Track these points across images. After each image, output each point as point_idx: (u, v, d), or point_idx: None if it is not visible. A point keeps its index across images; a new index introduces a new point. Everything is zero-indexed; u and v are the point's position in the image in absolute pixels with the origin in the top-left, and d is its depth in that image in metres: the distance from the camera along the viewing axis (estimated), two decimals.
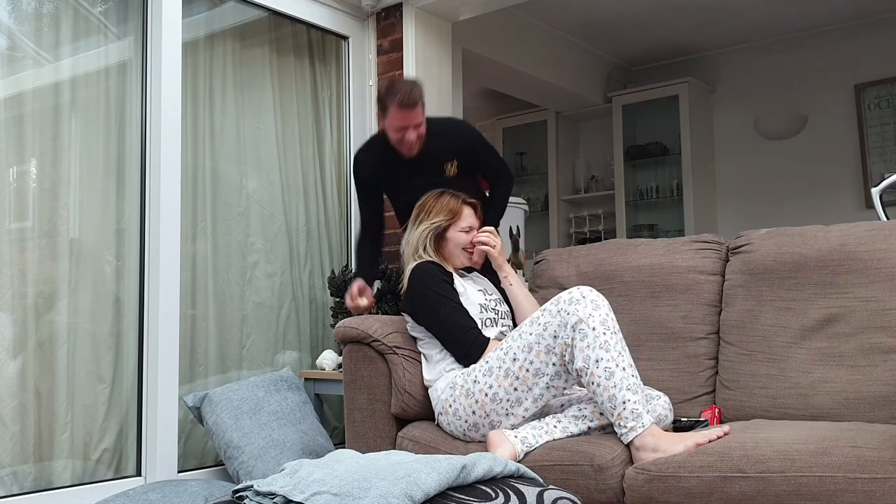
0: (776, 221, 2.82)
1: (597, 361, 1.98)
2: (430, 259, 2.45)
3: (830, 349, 2.22)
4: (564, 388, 2.13)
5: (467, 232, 2.50)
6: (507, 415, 2.15)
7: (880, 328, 2.17)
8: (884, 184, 2.99)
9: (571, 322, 2.02)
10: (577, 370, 2.02)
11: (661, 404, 2.20)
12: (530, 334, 2.11)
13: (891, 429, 1.81)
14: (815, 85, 5.26)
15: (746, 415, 2.27)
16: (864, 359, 2.16)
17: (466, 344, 2.29)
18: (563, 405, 2.23)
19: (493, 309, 2.46)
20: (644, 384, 2.14)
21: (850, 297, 2.24)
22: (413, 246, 2.49)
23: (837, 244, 2.31)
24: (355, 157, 3.03)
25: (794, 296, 2.33)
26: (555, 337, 2.05)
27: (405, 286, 2.44)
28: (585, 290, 2.08)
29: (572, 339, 2.02)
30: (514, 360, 2.12)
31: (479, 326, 2.35)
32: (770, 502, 1.71)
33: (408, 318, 2.44)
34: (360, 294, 2.78)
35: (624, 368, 1.98)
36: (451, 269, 2.47)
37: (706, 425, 2.24)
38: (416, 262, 2.43)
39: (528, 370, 2.10)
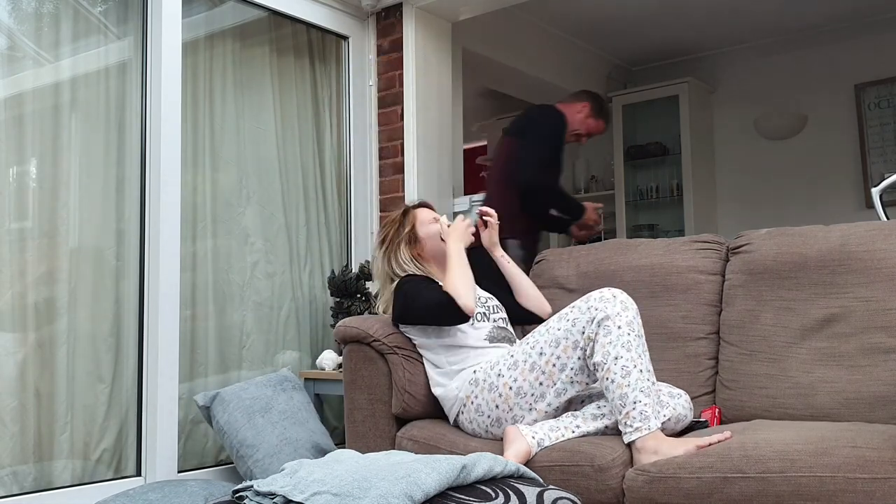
0: (776, 221, 2.82)
1: (616, 359, 1.99)
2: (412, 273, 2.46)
3: (830, 349, 2.22)
4: (588, 383, 2.14)
5: (436, 221, 2.54)
6: (531, 409, 2.15)
7: (880, 328, 2.17)
8: (884, 184, 2.99)
9: (598, 318, 2.04)
10: (594, 364, 2.03)
11: (682, 403, 2.20)
12: (558, 329, 2.12)
13: (891, 429, 1.81)
14: (815, 85, 5.26)
15: (747, 415, 2.27)
16: (864, 359, 2.16)
17: (436, 303, 2.28)
18: (583, 401, 2.23)
19: (484, 304, 2.47)
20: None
21: (850, 297, 2.24)
22: (388, 270, 2.49)
23: (837, 244, 2.31)
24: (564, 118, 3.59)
25: (795, 296, 2.33)
26: (582, 333, 2.07)
27: (390, 302, 2.43)
28: (617, 291, 2.10)
29: (596, 333, 2.03)
30: (541, 354, 2.13)
31: (472, 321, 2.35)
32: (770, 503, 1.71)
33: (403, 329, 2.43)
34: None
35: (641, 370, 1.99)
36: (436, 279, 2.44)
37: (706, 425, 2.24)
38: (400, 279, 2.44)
39: (554, 365, 2.11)
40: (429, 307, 2.30)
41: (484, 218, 2.59)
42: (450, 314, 2.27)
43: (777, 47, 5.42)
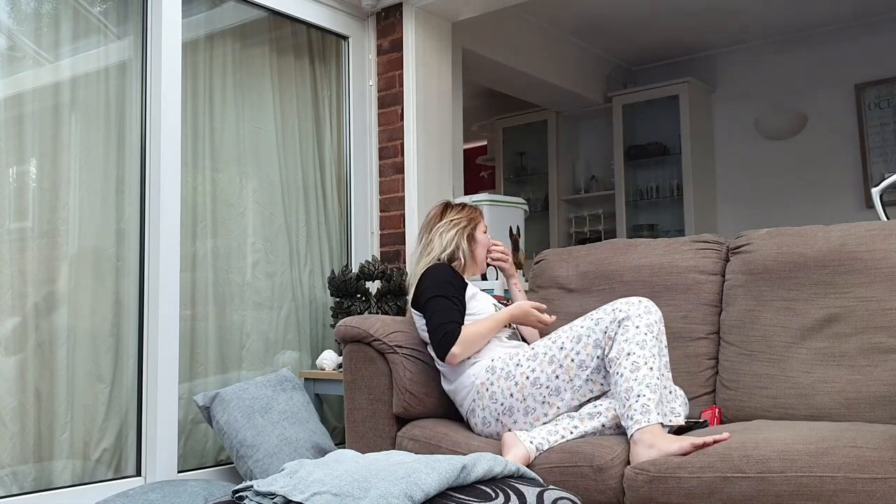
0: (776, 221, 2.82)
1: (628, 354, 2.04)
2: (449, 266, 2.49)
3: (831, 349, 2.22)
4: (603, 385, 2.15)
5: (485, 233, 2.63)
6: (544, 402, 2.17)
7: (880, 328, 2.17)
8: (884, 184, 2.99)
9: (619, 318, 2.10)
10: (609, 360, 2.08)
11: (677, 395, 2.23)
12: (581, 327, 2.17)
13: (891, 429, 1.81)
14: (815, 85, 5.26)
15: (747, 415, 2.27)
16: (864, 359, 2.16)
17: (442, 331, 2.29)
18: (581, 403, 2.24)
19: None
20: None
21: (850, 297, 2.24)
22: (443, 247, 2.51)
23: (837, 244, 2.31)
24: None
25: (795, 296, 2.33)
26: (604, 332, 2.12)
27: (414, 285, 2.45)
28: (644, 298, 2.16)
29: (616, 333, 2.09)
30: (561, 348, 2.17)
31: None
32: (770, 503, 1.71)
33: (416, 315, 2.44)
34: None
35: (651, 368, 2.02)
36: (466, 280, 2.49)
37: (706, 426, 2.24)
38: (434, 263, 2.47)
39: (572, 360, 2.15)
40: (441, 325, 2.30)
41: (496, 263, 2.67)
42: (444, 344, 2.27)
43: (777, 47, 5.42)
